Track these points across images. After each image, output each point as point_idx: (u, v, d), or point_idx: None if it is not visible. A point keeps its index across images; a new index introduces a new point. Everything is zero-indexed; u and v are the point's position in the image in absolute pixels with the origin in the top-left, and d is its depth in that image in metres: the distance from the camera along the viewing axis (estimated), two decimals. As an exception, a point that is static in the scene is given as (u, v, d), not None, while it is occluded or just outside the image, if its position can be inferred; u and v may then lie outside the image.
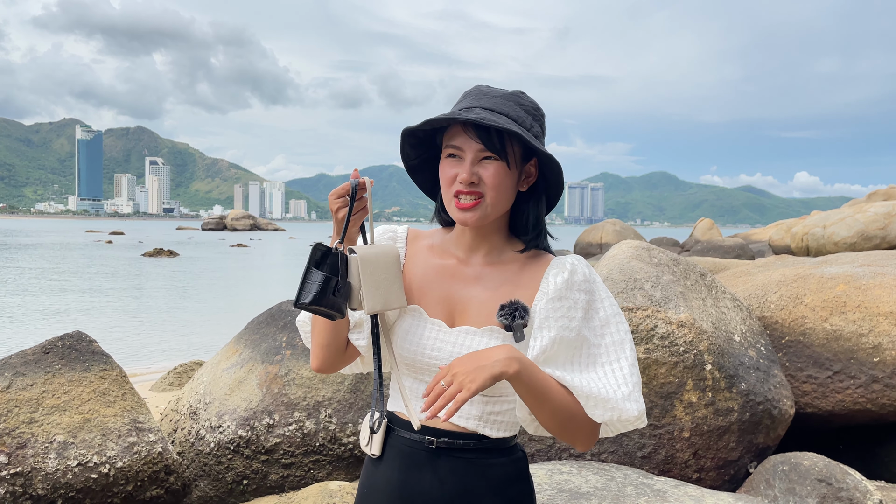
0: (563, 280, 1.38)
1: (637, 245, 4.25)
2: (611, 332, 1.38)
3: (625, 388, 1.34)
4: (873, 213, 14.49)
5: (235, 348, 4.50)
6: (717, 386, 3.62)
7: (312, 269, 1.33)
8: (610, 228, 26.99)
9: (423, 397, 1.27)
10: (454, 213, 1.40)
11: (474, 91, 1.42)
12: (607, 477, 3.14)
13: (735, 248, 19.84)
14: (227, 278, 27.54)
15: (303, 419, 3.98)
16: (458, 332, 1.42)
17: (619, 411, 1.32)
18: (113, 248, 47.57)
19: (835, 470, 3.34)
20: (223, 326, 14.25)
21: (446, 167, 1.40)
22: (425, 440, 1.42)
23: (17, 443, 3.30)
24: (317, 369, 1.52)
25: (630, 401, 1.33)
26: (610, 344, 1.38)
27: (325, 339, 1.48)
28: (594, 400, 1.32)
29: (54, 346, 3.73)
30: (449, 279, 1.47)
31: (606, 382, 1.34)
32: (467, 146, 1.36)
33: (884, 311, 4.09)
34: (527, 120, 1.38)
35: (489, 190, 1.36)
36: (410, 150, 1.48)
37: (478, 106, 1.37)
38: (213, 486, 4.03)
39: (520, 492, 1.45)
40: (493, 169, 1.36)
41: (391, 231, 1.56)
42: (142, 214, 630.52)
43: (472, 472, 1.41)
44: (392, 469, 1.45)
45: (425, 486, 1.42)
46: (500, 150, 1.35)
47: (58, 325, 14.07)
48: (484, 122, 1.30)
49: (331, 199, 1.39)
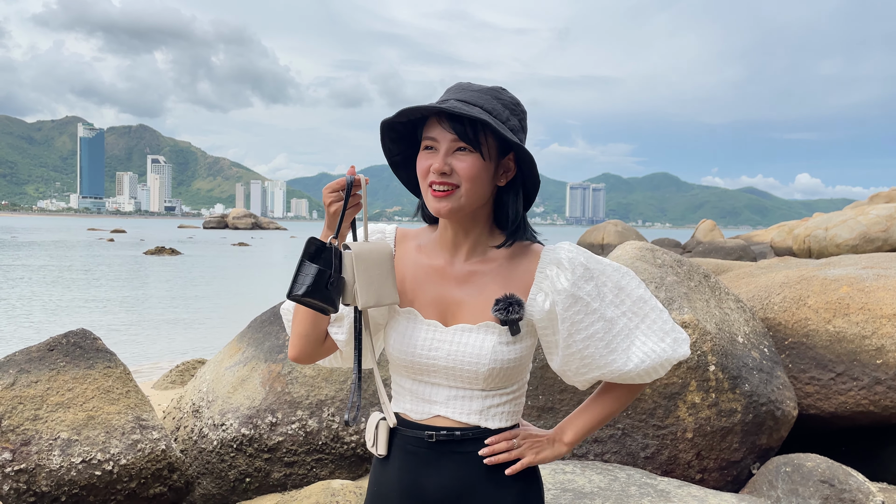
0: (569, 281, 1.39)
1: (641, 246, 4.25)
2: (628, 294, 1.44)
3: (668, 339, 1.43)
4: (875, 216, 14.48)
5: (238, 346, 4.51)
6: (721, 387, 3.63)
7: (306, 262, 1.34)
8: (612, 229, 26.99)
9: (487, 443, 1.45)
10: (430, 202, 1.41)
11: (455, 86, 1.43)
12: (611, 477, 3.15)
13: (737, 250, 19.84)
14: (229, 277, 27.56)
15: (305, 418, 3.98)
16: (454, 331, 1.43)
17: (676, 357, 1.43)
18: (115, 247, 47.61)
19: (838, 471, 3.34)
20: (225, 324, 14.27)
21: (422, 159, 1.41)
22: (425, 436, 1.43)
23: (22, 439, 3.31)
24: (293, 358, 1.53)
25: (679, 343, 1.43)
26: (632, 304, 1.43)
27: (304, 329, 1.49)
28: (655, 369, 1.42)
29: (58, 343, 3.74)
30: (439, 279, 1.48)
31: (653, 340, 1.42)
32: (441, 137, 1.37)
33: (887, 314, 4.09)
34: (503, 113, 1.39)
35: (463, 181, 1.37)
36: (392, 144, 1.49)
37: (453, 98, 1.38)
38: (216, 484, 4.03)
39: (526, 483, 1.47)
40: (466, 160, 1.37)
41: (380, 231, 1.56)
42: (143, 213, 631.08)
43: (476, 465, 1.43)
44: (399, 468, 1.47)
45: (432, 482, 1.43)
46: (473, 140, 1.36)
47: (62, 322, 14.09)
48: (454, 110, 1.32)
49: (325, 193, 1.40)
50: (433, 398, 1.45)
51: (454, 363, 1.41)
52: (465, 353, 1.41)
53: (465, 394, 1.43)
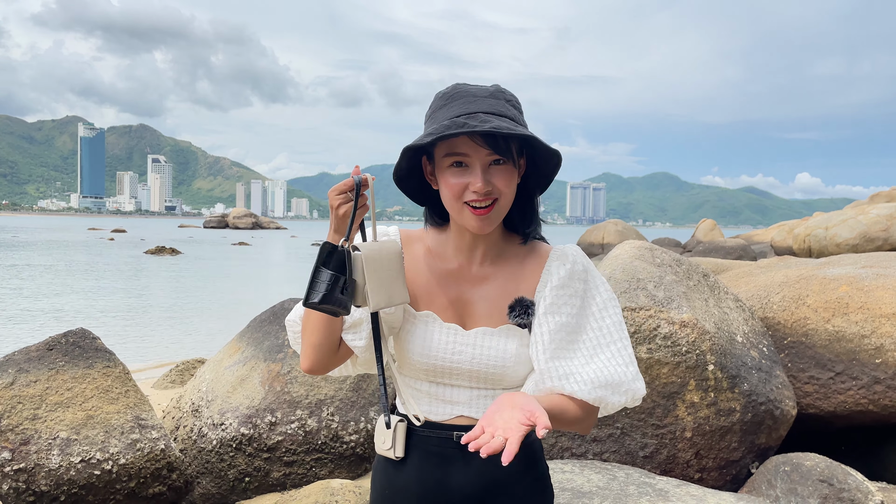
0: (567, 271, 1.43)
1: (640, 245, 4.25)
2: (610, 315, 1.43)
3: (632, 367, 1.40)
4: (876, 215, 14.47)
5: (238, 346, 4.51)
6: (720, 386, 3.63)
7: (321, 269, 1.33)
8: (612, 229, 26.98)
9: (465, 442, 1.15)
10: (469, 221, 1.37)
11: (459, 94, 1.37)
12: (609, 476, 3.15)
13: (737, 249, 19.83)
14: (229, 276, 27.56)
15: (305, 417, 3.98)
16: (476, 334, 1.44)
17: (632, 392, 1.38)
18: (115, 246, 47.61)
19: (836, 471, 3.34)
20: (225, 324, 14.27)
21: (452, 177, 1.36)
22: (454, 436, 1.44)
23: (21, 439, 3.31)
24: (307, 370, 1.49)
25: (638, 380, 1.39)
26: (611, 325, 1.42)
27: (318, 338, 1.45)
28: (611, 388, 1.36)
29: (58, 342, 3.74)
30: (455, 282, 1.48)
31: (616, 364, 1.39)
32: (475, 153, 1.34)
33: (886, 313, 4.09)
34: (520, 116, 1.39)
35: (501, 196, 1.36)
36: (405, 162, 1.44)
37: (477, 111, 1.33)
38: (215, 484, 4.03)
39: (539, 474, 1.50)
40: (504, 174, 1.35)
41: (383, 233, 1.55)
42: (144, 212, 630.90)
43: (500, 464, 1.43)
44: (420, 469, 1.46)
45: (458, 481, 1.44)
46: (507, 152, 1.34)
47: (61, 321, 14.10)
48: (502, 131, 1.27)
49: (331, 195, 1.37)
50: (455, 399, 1.46)
51: (478, 366, 1.42)
52: (489, 357, 1.42)
53: (486, 393, 1.45)
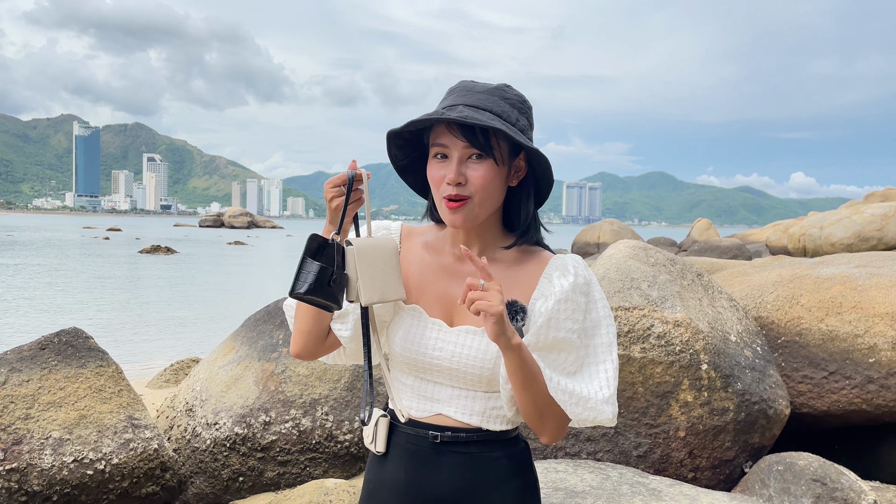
0: (570, 283, 1.38)
1: (634, 244, 4.25)
2: (601, 334, 1.40)
3: (606, 391, 1.36)
4: (870, 215, 14.52)
5: (232, 345, 4.50)
6: (713, 385, 3.63)
7: (308, 260, 1.33)
8: (607, 228, 27.02)
9: (461, 302, 1.25)
10: (444, 215, 1.39)
11: (459, 87, 1.40)
12: (603, 476, 3.15)
13: (732, 249, 19.88)
14: (225, 275, 27.51)
15: (299, 417, 3.98)
16: (459, 332, 1.42)
17: (596, 412, 1.34)
18: (110, 245, 47.48)
19: (830, 470, 3.35)
20: (220, 323, 14.25)
21: (434, 168, 1.38)
22: (430, 435, 1.43)
23: (13, 439, 3.30)
24: (295, 354, 1.51)
25: (609, 404, 1.35)
26: (599, 345, 1.39)
27: (306, 326, 1.47)
28: (576, 398, 1.33)
29: (50, 342, 3.73)
30: (446, 277, 1.47)
31: (591, 382, 1.36)
32: (453, 145, 1.35)
33: (879, 312, 4.10)
34: (512, 114, 1.36)
35: (476, 191, 1.35)
36: (398, 151, 1.47)
37: (461, 103, 1.35)
38: (209, 484, 4.02)
39: (523, 483, 1.47)
40: (480, 168, 1.34)
41: (385, 227, 1.55)
42: (139, 211, 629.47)
43: (476, 466, 1.42)
44: (398, 466, 1.46)
45: (432, 481, 1.43)
46: (485, 147, 1.33)
47: (54, 321, 14.05)
48: (466, 120, 1.28)
49: (326, 188, 1.38)
50: (436, 396, 1.45)
51: (458, 365, 1.41)
52: (469, 356, 1.40)
53: (467, 394, 1.43)
